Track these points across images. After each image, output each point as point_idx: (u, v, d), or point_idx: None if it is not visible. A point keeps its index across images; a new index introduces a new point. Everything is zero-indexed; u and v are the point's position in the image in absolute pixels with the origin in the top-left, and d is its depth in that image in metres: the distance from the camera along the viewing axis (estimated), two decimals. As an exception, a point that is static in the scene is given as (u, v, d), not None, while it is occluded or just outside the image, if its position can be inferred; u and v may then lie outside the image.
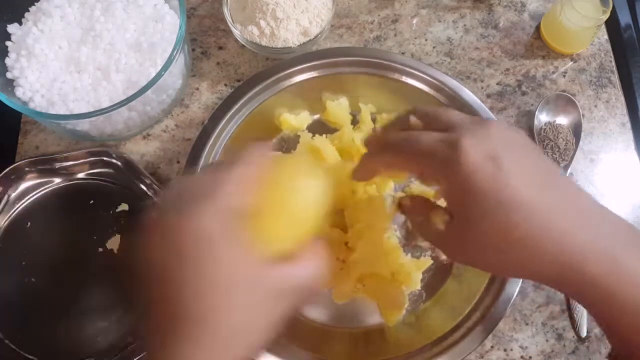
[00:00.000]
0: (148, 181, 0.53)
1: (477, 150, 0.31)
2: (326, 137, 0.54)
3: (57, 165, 0.54)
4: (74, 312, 0.50)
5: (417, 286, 0.50)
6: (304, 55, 0.54)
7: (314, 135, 0.54)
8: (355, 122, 0.56)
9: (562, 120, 0.58)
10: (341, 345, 0.50)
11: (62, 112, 0.51)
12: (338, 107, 0.55)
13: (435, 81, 0.53)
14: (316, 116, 0.57)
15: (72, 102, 0.51)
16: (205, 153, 0.50)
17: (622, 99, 0.60)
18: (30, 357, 0.49)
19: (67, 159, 0.54)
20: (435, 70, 0.54)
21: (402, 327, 0.50)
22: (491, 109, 0.51)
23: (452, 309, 0.49)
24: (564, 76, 0.60)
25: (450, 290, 0.51)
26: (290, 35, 0.55)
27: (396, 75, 0.54)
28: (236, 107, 0.52)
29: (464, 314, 0.47)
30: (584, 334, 0.51)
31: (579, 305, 0.51)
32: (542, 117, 0.58)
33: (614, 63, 0.61)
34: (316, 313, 0.51)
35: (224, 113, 0.52)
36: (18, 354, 0.49)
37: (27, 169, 0.53)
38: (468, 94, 0.52)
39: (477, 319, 0.46)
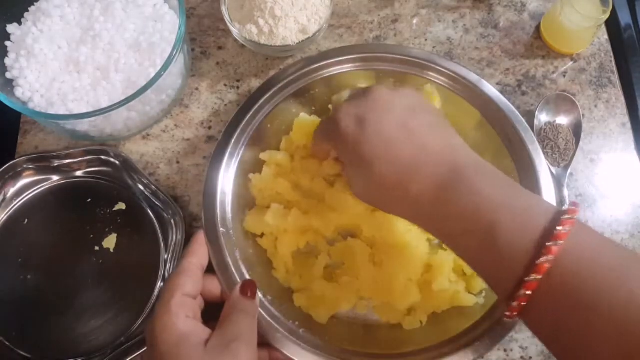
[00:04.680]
0: (145, 180, 0.53)
1: (349, 116, 0.40)
2: None
3: (55, 163, 0.54)
4: (68, 310, 0.50)
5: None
6: (315, 56, 0.54)
7: None
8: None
9: (562, 120, 0.58)
10: (353, 335, 0.50)
11: (61, 112, 0.51)
12: None
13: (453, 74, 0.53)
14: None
15: (72, 102, 0.51)
16: (222, 169, 0.51)
17: (622, 99, 0.59)
18: (25, 354, 0.49)
19: (65, 157, 0.54)
20: (454, 64, 0.54)
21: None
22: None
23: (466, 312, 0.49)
24: (564, 76, 0.60)
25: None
26: (289, 34, 0.55)
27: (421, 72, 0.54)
28: (249, 115, 0.52)
29: (477, 318, 0.47)
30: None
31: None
32: (542, 117, 0.57)
33: (614, 63, 0.61)
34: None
35: (242, 116, 0.52)
36: (12, 351, 0.49)
37: (24, 166, 0.53)
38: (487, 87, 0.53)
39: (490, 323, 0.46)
